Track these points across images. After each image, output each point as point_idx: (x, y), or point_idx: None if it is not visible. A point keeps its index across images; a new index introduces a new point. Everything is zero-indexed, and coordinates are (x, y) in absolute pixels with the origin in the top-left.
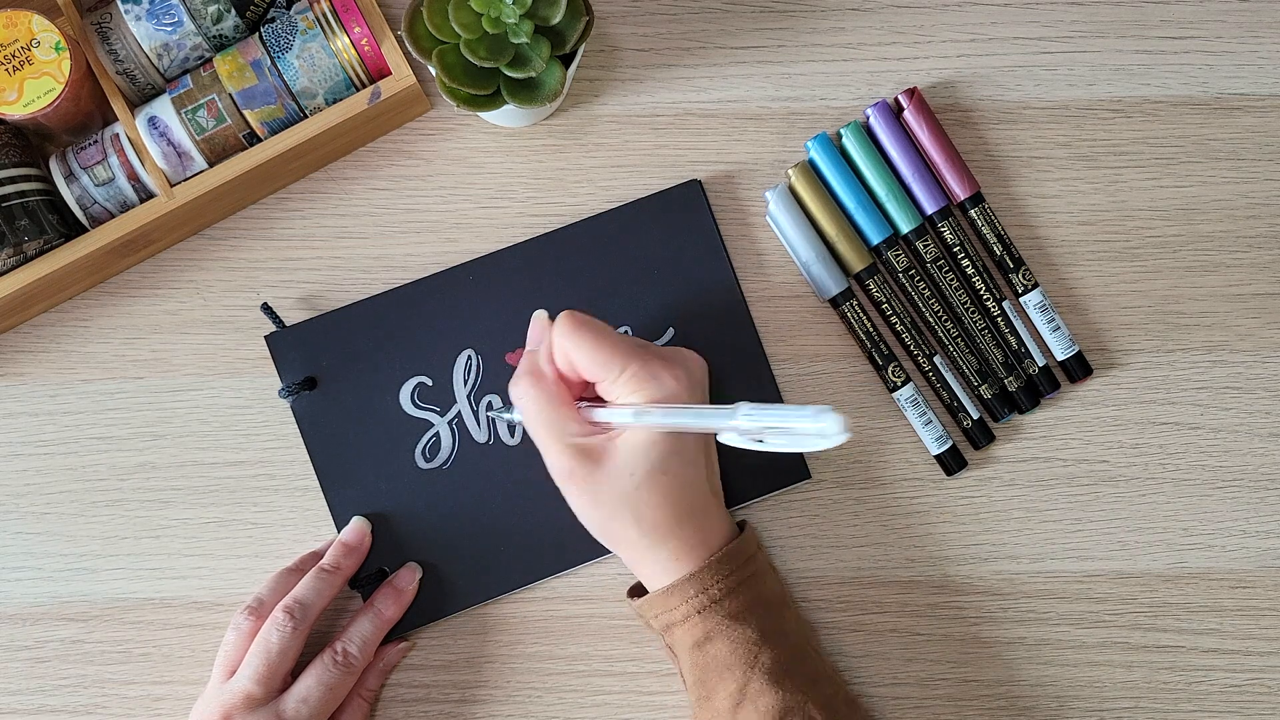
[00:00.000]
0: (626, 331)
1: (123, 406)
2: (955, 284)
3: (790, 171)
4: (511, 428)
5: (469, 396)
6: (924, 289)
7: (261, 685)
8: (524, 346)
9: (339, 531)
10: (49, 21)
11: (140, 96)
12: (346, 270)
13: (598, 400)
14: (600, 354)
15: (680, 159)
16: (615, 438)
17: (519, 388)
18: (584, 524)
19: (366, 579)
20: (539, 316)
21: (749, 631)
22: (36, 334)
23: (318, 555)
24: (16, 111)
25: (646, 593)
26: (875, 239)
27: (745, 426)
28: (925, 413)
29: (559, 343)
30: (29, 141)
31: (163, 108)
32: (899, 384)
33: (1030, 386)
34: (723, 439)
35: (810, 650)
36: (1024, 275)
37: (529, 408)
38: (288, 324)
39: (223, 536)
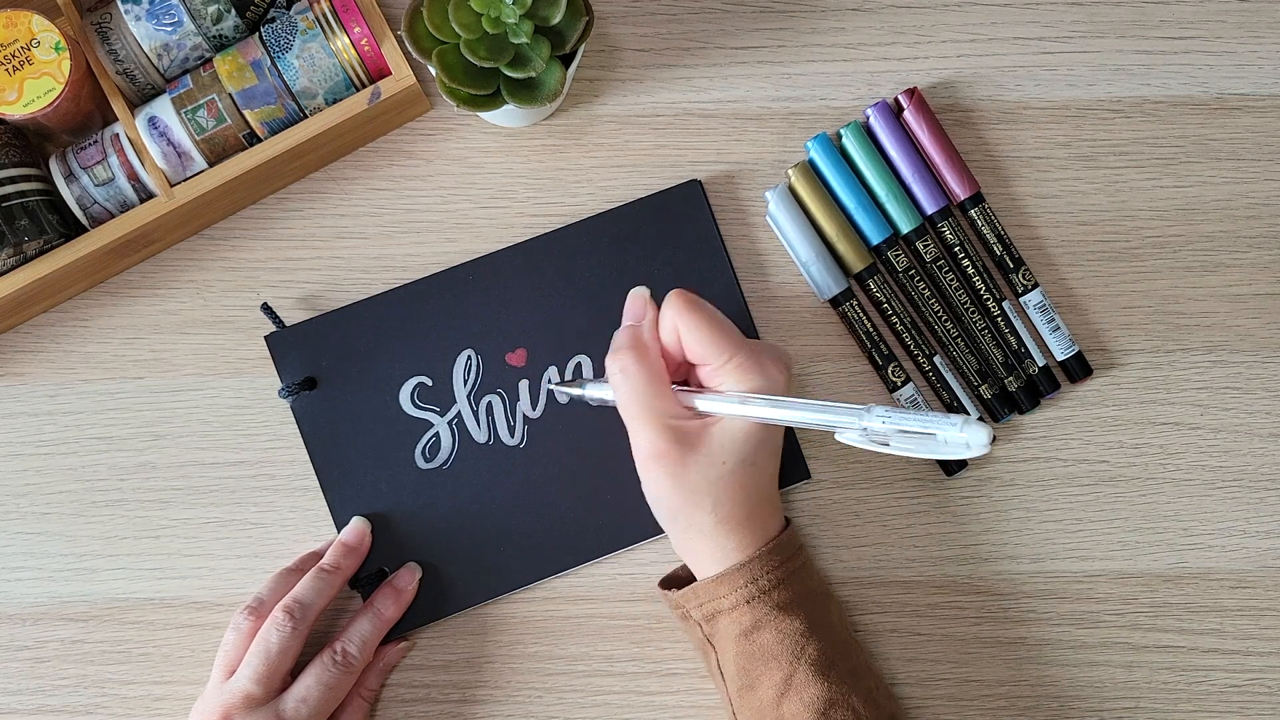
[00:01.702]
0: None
1: (123, 406)
2: (955, 284)
3: (790, 171)
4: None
5: (469, 396)
6: (924, 289)
7: (261, 685)
8: (523, 346)
9: (339, 531)
10: (49, 21)
11: (140, 96)
12: (346, 270)
13: (686, 384)
14: (712, 337)
15: (680, 159)
16: (713, 424)
17: (621, 359)
18: (656, 507)
19: (366, 579)
20: (640, 291)
21: (796, 623)
22: (36, 334)
23: (318, 555)
24: (16, 111)
25: (679, 583)
26: (875, 239)
27: (879, 428)
28: (917, 402)
29: (670, 319)
30: (29, 141)
31: (163, 108)
32: (899, 384)
33: (1030, 386)
34: (841, 438)
35: (853, 644)
36: (1024, 275)
37: (628, 382)
38: (288, 324)
39: (223, 536)
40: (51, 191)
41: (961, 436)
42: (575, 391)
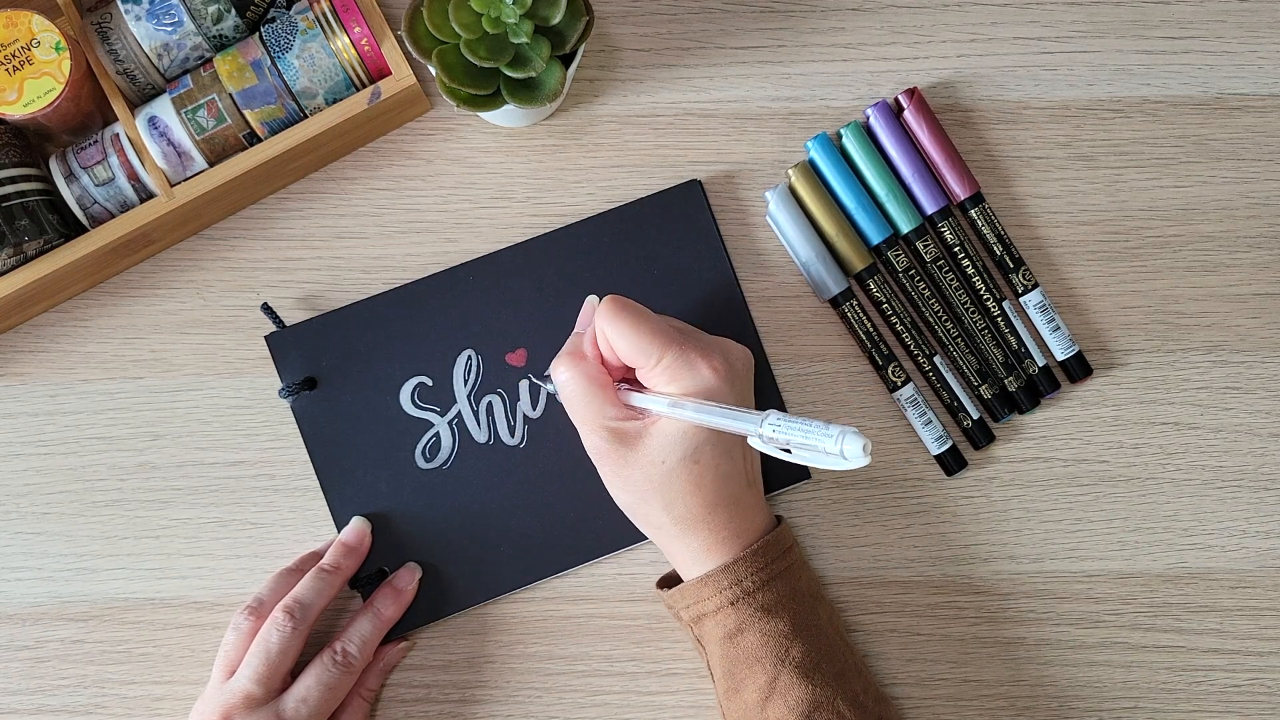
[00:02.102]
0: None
1: (123, 406)
2: (955, 284)
3: (790, 171)
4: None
5: (469, 396)
6: (924, 289)
7: (261, 685)
8: (523, 346)
9: (339, 531)
10: (49, 21)
11: (140, 96)
12: (346, 270)
13: (637, 384)
14: (639, 340)
15: (680, 159)
16: (652, 423)
17: (559, 368)
18: (618, 505)
19: (366, 579)
20: (590, 300)
21: (781, 625)
22: (36, 334)
23: (318, 555)
24: (16, 111)
25: (677, 584)
26: (875, 239)
27: (769, 435)
28: (925, 413)
29: (599, 326)
30: (29, 141)
31: (163, 108)
32: (899, 384)
33: (1030, 386)
34: (751, 443)
35: (843, 646)
36: (1024, 275)
37: (568, 388)
38: (288, 324)
39: (223, 536)
40: (51, 191)
41: (835, 448)
42: (548, 387)
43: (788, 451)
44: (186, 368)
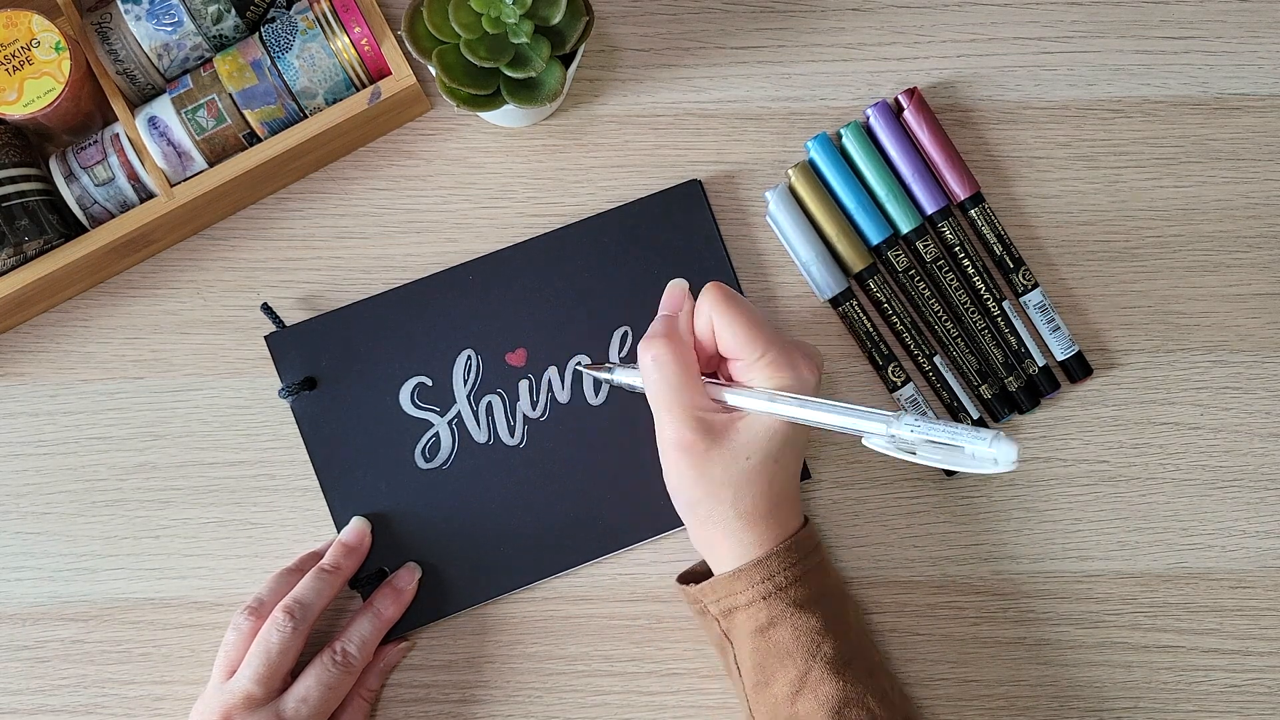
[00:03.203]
0: (626, 332)
1: (123, 406)
2: (955, 284)
3: (790, 171)
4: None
5: (469, 396)
6: (924, 289)
7: (261, 685)
8: (523, 346)
9: (339, 531)
10: (49, 21)
11: (140, 96)
12: (346, 270)
13: (714, 377)
14: (747, 332)
15: (680, 159)
16: (739, 418)
17: (654, 348)
18: (675, 496)
19: (366, 579)
20: (679, 283)
21: (813, 620)
22: (36, 334)
23: (318, 555)
24: (16, 111)
25: (697, 579)
26: (875, 239)
27: (907, 436)
28: (925, 413)
29: (706, 312)
30: (29, 141)
31: (163, 108)
32: (899, 384)
33: (1030, 386)
34: (868, 443)
35: (869, 643)
36: (1024, 275)
37: (659, 370)
38: (288, 324)
39: (223, 536)
40: (51, 191)
41: (990, 452)
42: (604, 375)
43: (912, 453)
44: (186, 368)
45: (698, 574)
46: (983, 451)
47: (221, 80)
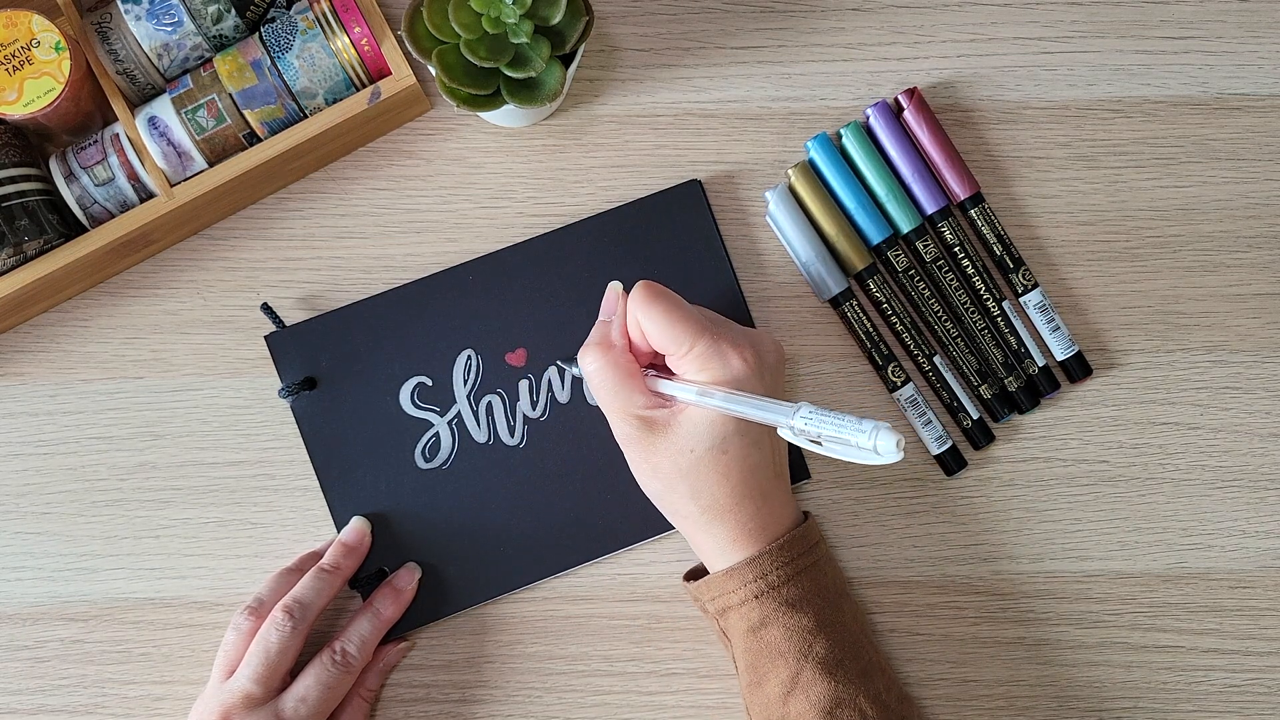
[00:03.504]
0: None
1: (123, 406)
2: (955, 284)
3: (790, 171)
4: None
5: (469, 396)
6: (924, 289)
7: (261, 685)
8: (523, 346)
9: (339, 531)
10: (49, 21)
11: (140, 96)
12: (346, 270)
13: (665, 371)
14: (671, 328)
15: (680, 159)
16: (680, 411)
17: (588, 355)
18: (645, 492)
19: (366, 579)
20: (614, 287)
21: (805, 620)
22: (36, 334)
23: (317, 555)
24: (16, 111)
25: (703, 576)
26: (875, 239)
27: (801, 428)
28: (925, 413)
29: (632, 312)
30: (29, 141)
31: (163, 108)
32: (899, 384)
33: (1030, 386)
34: (781, 434)
35: (866, 644)
36: (1024, 275)
37: (596, 375)
38: (288, 324)
39: (223, 536)
40: (51, 191)
41: (869, 443)
42: (573, 370)
43: (818, 444)
44: (186, 368)
45: (700, 572)
46: (864, 442)
47: (221, 80)
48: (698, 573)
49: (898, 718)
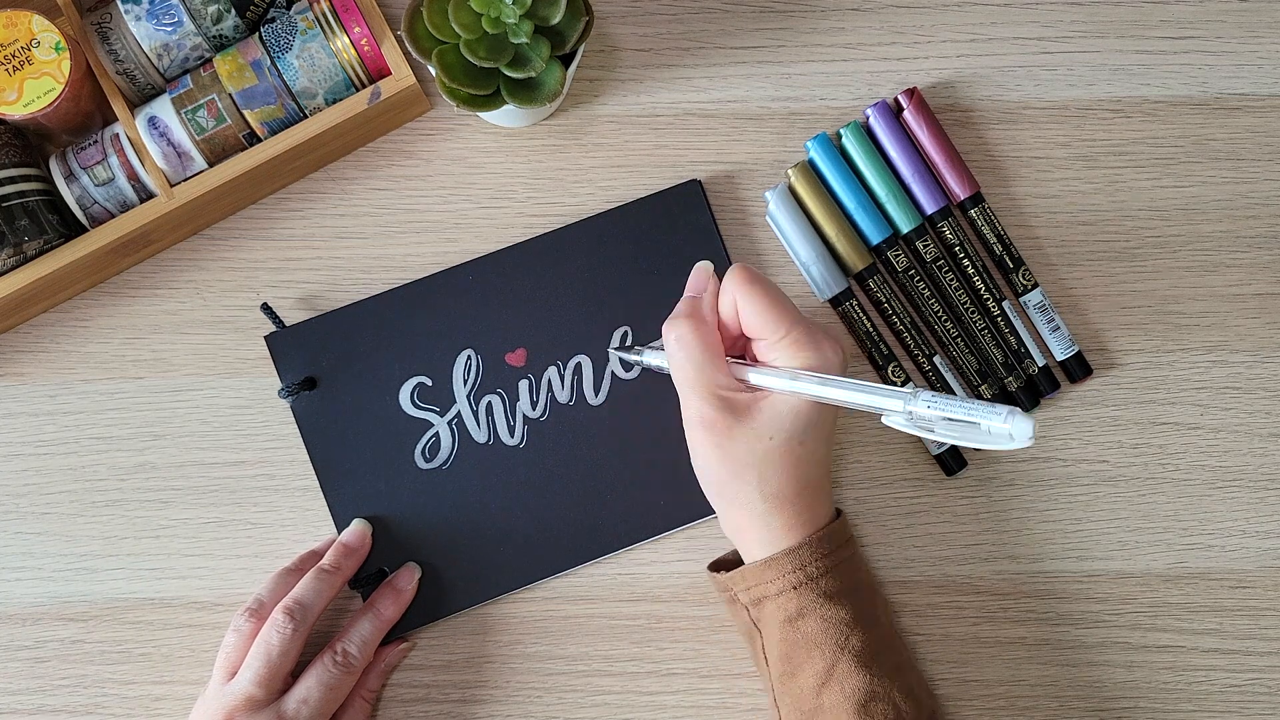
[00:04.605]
0: (626, 332)
1: (123, 406)
2: (955, 284)
3: (790, 171)
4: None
5: (469, 396)
6: (924, 289)
7: (263, 687)
8: (523, 346)
9: (339, 532)
10: (49, 21)
11: (140, 96)
12: (346, 270)
13: (742, 359)
14: (769, 311)
15: (680, 159)
16: (762, 398)
17: (678, 328)
18: (702, 477)
19: (366, 579)
20: (704, 265)
21: (842, 612)
22: (36, 334)
23: (317, 555)
24: (16, 111)
25: (728, 566)
26: (875, 239)
27: (924, 413)
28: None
29: (731, 291)
30: (29, 141)
31: (163, 108)
32: (899, 384)
33: (1030, 386)
34: (888, 421)
35: (897, 640)
36: (1024, 275)
37: (682, 349)
38: (288, 324)
39: (223, 536)
40: (51, 191)
41: (1005, 427)
42: (633, 358)
43: (929, 430)
44: (186, 368)
45: (728, 562)
46: (998, 427)
47: (221, 80)
48: (724, 563)
49: (929, 713)
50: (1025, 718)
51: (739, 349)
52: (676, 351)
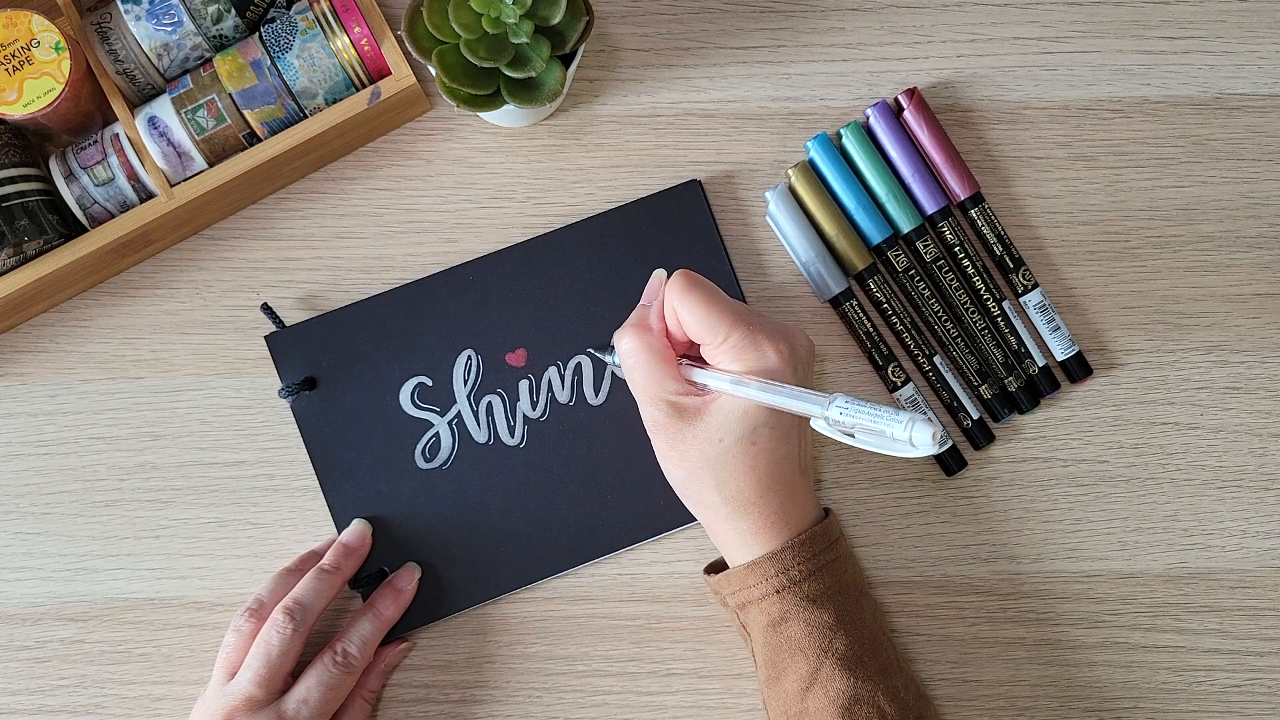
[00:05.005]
0: None
1: (123, 406)
2: (955, 284)
3: (790, 171)
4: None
5: (469, 396)
6: (924, 289)
7: (263, 687)
8: (523, 346)
9: (339, 532)
10: (49, 21)
11: (140, 96)
12: (346, 270)
13: (700, 361)
14: (708, 317)
15: (680, 159)
16: (711, 401)
17: (624, 336)
18: (669, 480)
19: (366, 579)
20: (658, 274)
21: (825, 616)
22: (36, 334)
23: (317, 555)
24: (16, 111)
25: (724, 569)
26: (875, 239)
27: (836, 418)
28: (925, 413)
29: (669, 300)
30: (29, 141)
31: (163, 108)
32: (899, 384)
33: (1030, 386)
34: (814, 425)
35: (885, 641)
36: (1024, 275)
37: (630, 358)
38: (288, 324)
39: (223, 536)
40: (51, 191)
41: (904, 435)
42: (606, 358)
43: (850, 436)
44: (186, 368)
45: (721, 565)
46: (899, 433)
47: (221, 80)
48: (718, 566)
49: (915, 715)
50: (1025, 718)
51: (697, 351)
52: (625, 360)
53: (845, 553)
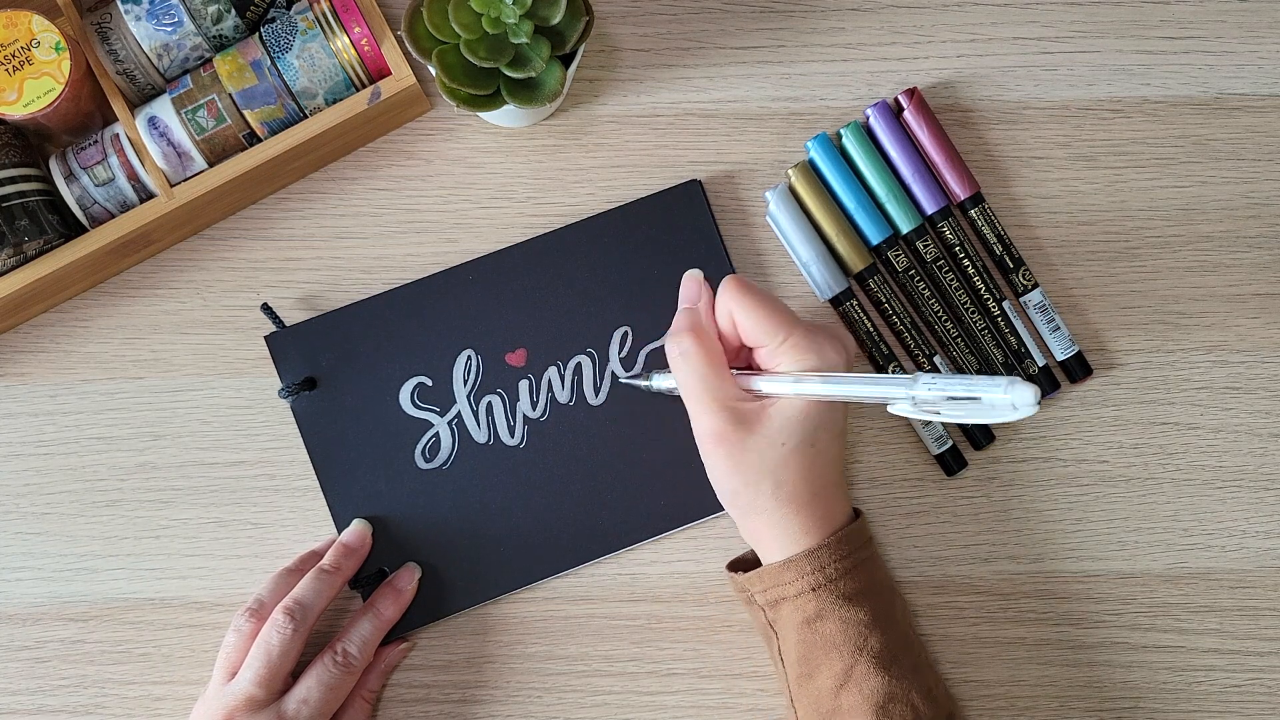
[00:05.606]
0: (626, 332)
1: (123, 406)
2: (955, 284)
3: (790, 171)
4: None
5: (469, 396)
6: (924, 289)
7: (263, 687)
8: (523, 346)
9: (339, 532)
10: (49, 21)
11: (140, 96)
12: (346, 270)
13: (746, 368)
14: (766, 319)
15: (680, 159)
16: (769, 406)
17: (681, 343)
18: (716, 486)
19: (366, 579)
20: (694, 274)
21: (861, 614)
22: (36, 334)
23: (317, 555)
24: (16, 111)
25: (746, 566)
26: (875, 239)
27: (924, 396)
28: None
29: (725, 303)
30: (29, 141)
31: (163, 108)
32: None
33: None
34: (894, 410)
35: (915, 641)
36: (1024, 275)
37: (688, 364)
38: (288, 324)
39: (223, 536)
40: (51, 191)
41: (1005, 398)
42: (642, 383)
43: (935, 413)
44: (186, 368)
45: (747, 561)
46: (999, 398)
47: (221, 80)
48: (742, 563)
49: (946, 714)
50: (1025, 718)
51: (742, 359)
52: (681, 366)
53: (876, 552)
